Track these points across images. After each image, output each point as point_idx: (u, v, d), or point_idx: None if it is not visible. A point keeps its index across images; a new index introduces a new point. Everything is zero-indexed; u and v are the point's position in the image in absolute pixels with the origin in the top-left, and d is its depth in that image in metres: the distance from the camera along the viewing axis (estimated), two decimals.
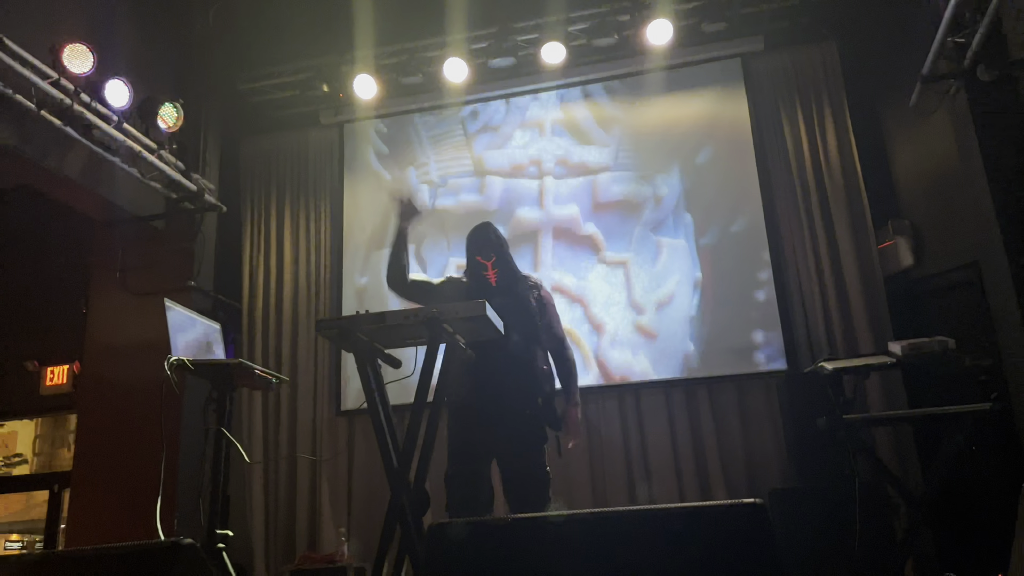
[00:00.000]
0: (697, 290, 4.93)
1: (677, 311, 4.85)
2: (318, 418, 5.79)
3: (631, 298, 4.96)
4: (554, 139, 5.38)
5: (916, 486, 4.37)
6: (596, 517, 1.74)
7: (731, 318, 4.91)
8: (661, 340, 4.83)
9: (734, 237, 5.12)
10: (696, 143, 5.54)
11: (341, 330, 2.67)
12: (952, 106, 4.55)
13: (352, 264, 5.94)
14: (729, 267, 5.11)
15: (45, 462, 8.46)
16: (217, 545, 3.05)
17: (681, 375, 5.08)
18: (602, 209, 5.15)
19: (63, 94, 4.33)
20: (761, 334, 4.84)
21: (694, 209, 5.31)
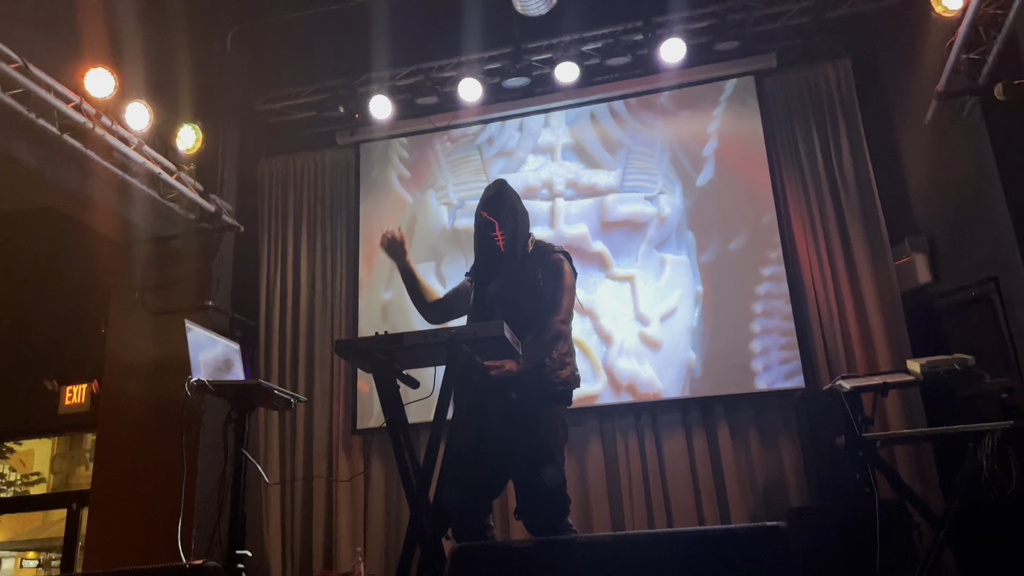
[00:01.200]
0: (698, 303, 5.13)
1: (679, 323, 5.08)
2: (334, 436, 5.80)
3: (637, 311, 5.19)
4: (564, 163, 5.62)
5: (937, 505, 4.33)
6: (618, 540, 1.74)
7: (731, 329, 5.09)
8: (665, 350, 5.05)
9: (734, 254, 5.31)
10: (706, 161, 5.58)
11: (359, 351, 2.69)
12: (968, 123, 4.54)
13: (374, 281, 5.98)
14: (731, 281, 5.25)
15: (62, 481, 8.51)
16: (237, 566, 3.06)
17: (683, 382, 5.16)
18: (609, 228, 5.38)
19: (85, 117, 4.40)
20: (759, 342, 5.03)
21: (696, 227, 5.43)
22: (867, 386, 4.10)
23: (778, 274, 5.26)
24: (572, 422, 5.33)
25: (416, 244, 5.81)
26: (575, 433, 5.38)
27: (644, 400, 5.32)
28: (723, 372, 5.07)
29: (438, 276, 5.75)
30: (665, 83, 5.83)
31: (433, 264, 5.83)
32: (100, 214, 5.13)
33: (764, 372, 5.08)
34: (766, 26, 5.61)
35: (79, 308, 6.69)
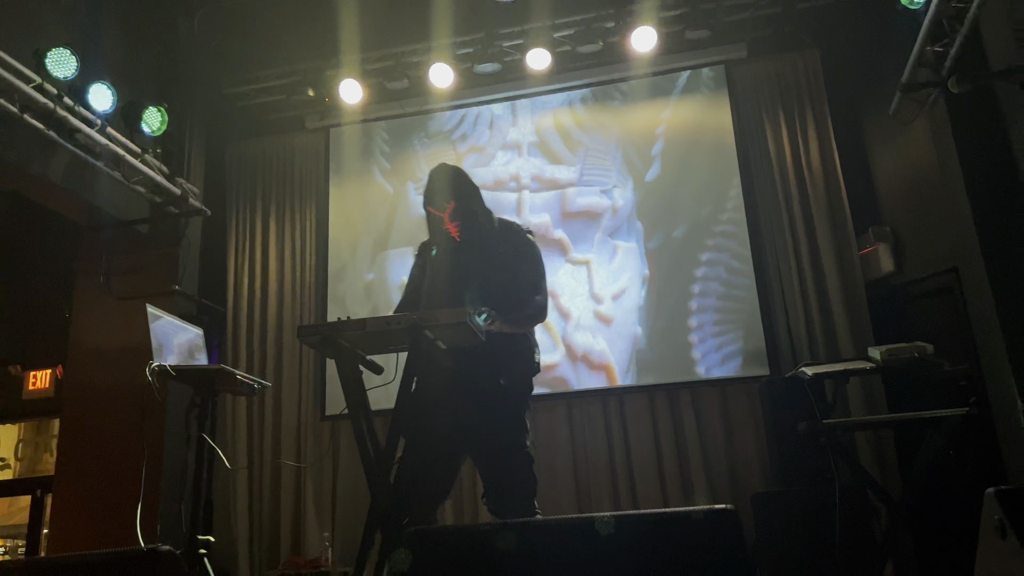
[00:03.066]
0: (644, 284, 5.58)
1: (628, 301, 5.55)
2: (303, 422, 5.78)
3: (592, 291, 5.63)
4: (530, 159, 5.99)
5: (896, 490, 4.42)
6: (573, 522, 1.76)
7: (671, 307, 5.51)
8: (615, 325, 5.51)
9: (676, 241, 5.66)
10: (654, 159, 5.79)
11: (323, 336, 2.68)
12: (931, 114, 4.61)
13: (358, 262, 6.02)
14: (673, 266, 5.61)
15: (28, 467, 8.41)
16: (199, 551, 3.05)
17: (630, 353, 5.46)
18: (569, 217, 5.82)
19: (46, 98, 4.32)
20: (695, 319, 5.43)
21: (644, 218, 5.73)
22: (829, 373, 4.16)
23: (713, 259, 5.53)
24: (540, 408, 5.44)
25: (396, 232, 6.03)
26: (543, 419, 5.45)
27: (611, 387, 5.38)
28: (664, 344, 5.45)
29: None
30: (635, 72, 5.86)
31: (411, 248, 5.87)
32: (64, 197, 5.05)
33: (699, 344, 5.40)
34: (737, 15, 5.63)
35: (43, 293, 6.61)
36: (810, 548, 4.12)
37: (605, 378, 5.45)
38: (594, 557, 1.63)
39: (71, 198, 5.03)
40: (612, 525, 1.62)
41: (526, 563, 1.68)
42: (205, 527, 3.23)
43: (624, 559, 1.65)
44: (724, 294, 5.45)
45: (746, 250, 5.46)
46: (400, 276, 5.77)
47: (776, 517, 4.41)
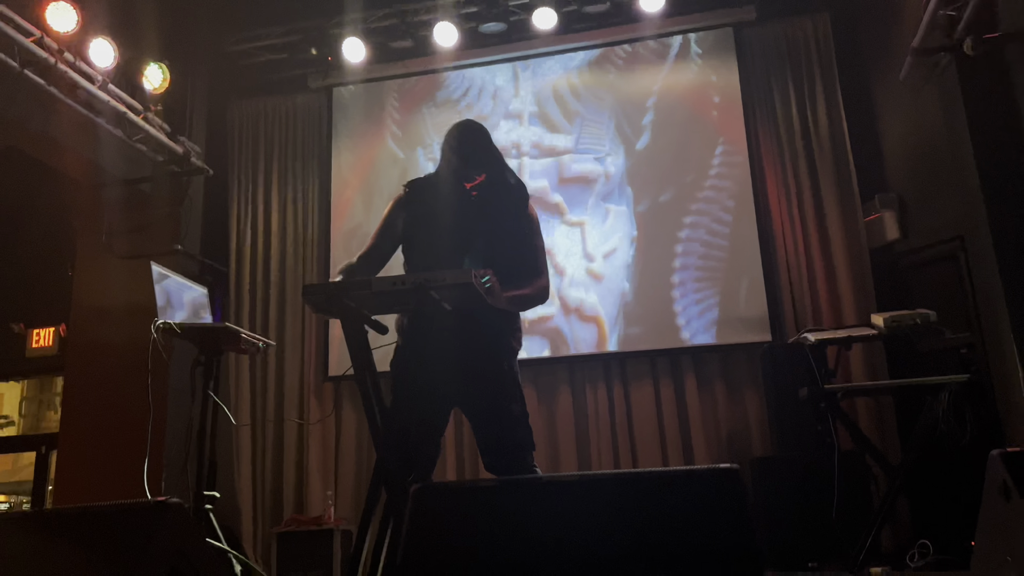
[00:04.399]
0: (633, 245, 5.73)
1: (618, 260, 5.74)
2: (305, 382, 5.81)
3: (585, 250, 5.80)
4: (530, 128, 6.10)
5: (895, 456, 4.45)
6: (576, 480, 1.77)
7: (656, 266, 5.65)
8: (606, 281, 5.71)
9: (663, 205, 5.76)
10: (644, 129, 5.83)
11: (328, 296, 2.67)
12: (942, 80, 4.55)
13: (372, 219, 5.95)
14: (659, 228, 5.73)
15: (32, 424, 8.47)
16: (204, 506, 3.08)
17: (618, 306, 5.60)
18: (565, 183, 5.96)
19: (46, 52, 4.27)
20: (677, 276, 5.59)
21: (634, 184, 5.82)
22: (831, 339, 4.17)
23: (696, 223, 5.59)
24: (542, 371, 5.47)
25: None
26: (545, 383, 5.48)
27: (614, 352, 5.41)
28: (648, 299, 5.58)
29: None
30: (642, 33, 5.80)
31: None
32: (65, 155, 5.02)
33: (681, 299, 5.51)
34: None
35: (45, 251, 6.58)
36: (808, 512, 4.17)
37: (595, 329, 5.57)
38: (597, 514, 1.64)
39: (72, 155, 5.00)
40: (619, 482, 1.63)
41: (530, 519, 1.69)
42: (209, 484, 3.26)
43: (627, 517, 1.66)
44: (726, 258, 5.46)
45: (751, 214, 5.43)
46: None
47: (775, 481, 4.46)
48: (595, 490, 1.71)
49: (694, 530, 1.61)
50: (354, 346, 2.68)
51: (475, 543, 1.70)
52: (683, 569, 1.55)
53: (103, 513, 1.72)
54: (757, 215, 5.42)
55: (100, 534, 1.68)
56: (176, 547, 1.67)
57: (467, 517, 1.76)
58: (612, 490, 1.67)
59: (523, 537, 1.68)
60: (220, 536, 3.01)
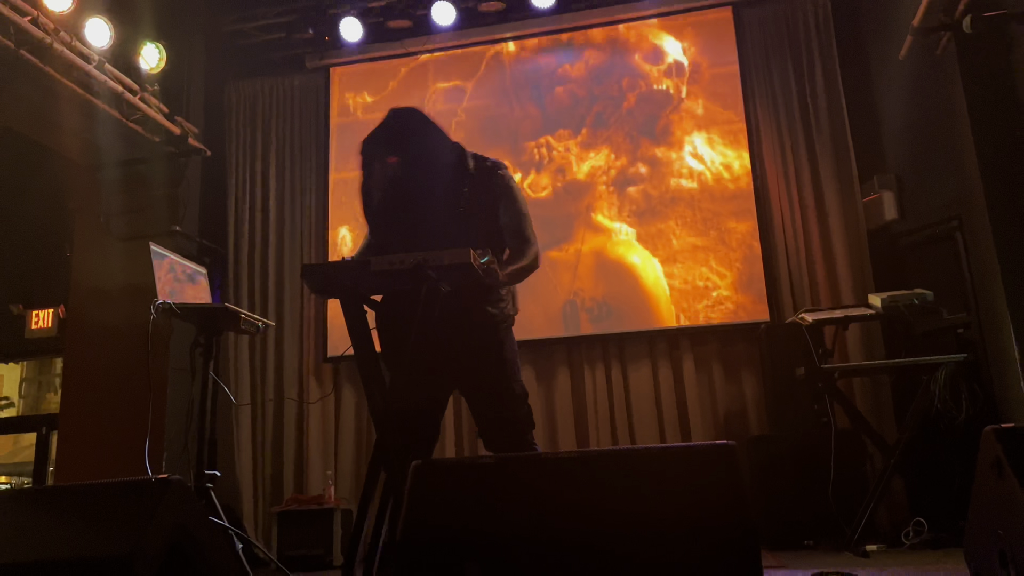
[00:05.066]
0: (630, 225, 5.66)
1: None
2: (305, 362, 5.83)
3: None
4: (528, 109, 5.93)
5: (891, 435, 4.48)
6: (575, 456, 1.79)
7: (655, 246, 5.57)
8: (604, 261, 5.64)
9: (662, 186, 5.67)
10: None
11: (326, 276, 2.68)
12: (941, 60, 4.53)
13: (347, 203, 5.97)
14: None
15: (32, 405, 8.47)
16: (205, 485, 3.10)
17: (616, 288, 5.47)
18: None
19: (42, 32, 4.24)
20: (675, 256, 5.50)
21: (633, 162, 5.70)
22: (828, 319, 4.20)
23: (694, 203, 5.54)
24: (541, 352, 5.49)
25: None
26: (543, 363, 5.50)
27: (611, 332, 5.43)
28: (646, 279, 5.49)
29: None
30: (643, 11, 5.77)
31: None
32: (62, 135, 4.99)
33: (678, 278, 5.46)
34: None
35: (43, 232, 6.56)
36: (804, 491, 4.22)
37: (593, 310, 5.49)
38: (595, 490, 1.66)
39: (69, 136, 4.98)
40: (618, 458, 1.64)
41: (529, 495, 1.71)
42: (210, 463, 3.28)
43: (625, 493, 1.68)
44: (724, 238, 5.45)
45: (749, 194, 5.43)
46: None
47: (772, 460, 4.50)
48: (593, 466, 1.73)
49: (691, 506, 1.63)
50: (353, 326, 2.70)
51: (474, 519, 1.72)
52: (680, 545, 1.57)
53: (106, 489, 1.74)
54: (755, 195, 5.42)
55: (103, 510, 1.69)
56: (178, 523, 1.69)
57: (466, 493, 1.78)
58: (610, 467, 1.69)
59: (522, 513, 1.70)
60: (221, 514, 3.04)
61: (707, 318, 5.34)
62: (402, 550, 1.73)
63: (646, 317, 5.43)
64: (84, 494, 1.78)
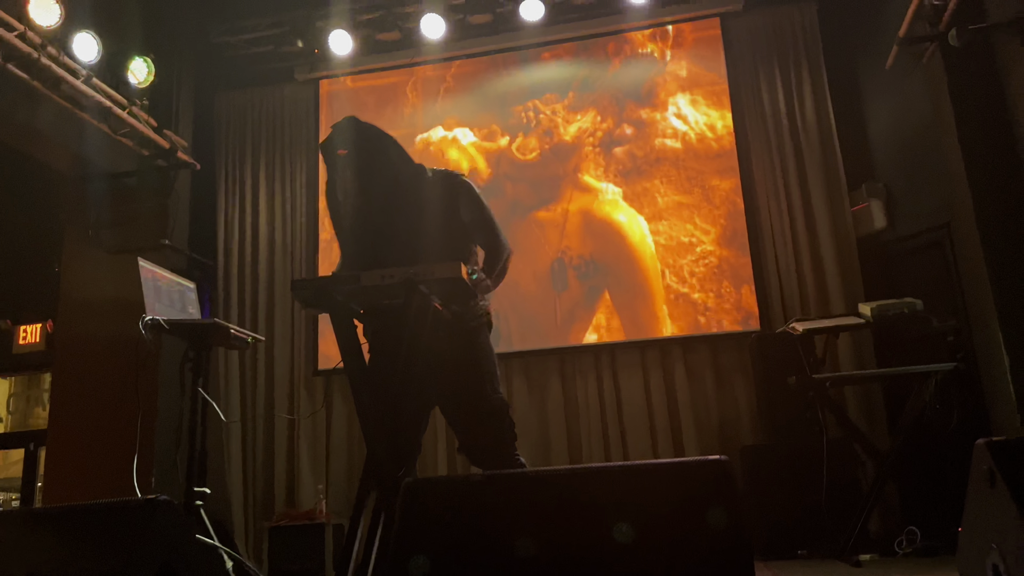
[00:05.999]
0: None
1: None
2: (295, 377, 5.80)
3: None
4: (521, 119, 5.98)
5: (883, 443, 4.49)
6: (568, 473, 1.78)
7: (645, 255, 5.61)
8: (594, 271, 5.69)
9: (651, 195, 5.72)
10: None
11: (317, 291, 2.67)
12: (928, 69, 4.57)
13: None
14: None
15: (20, 420, 8.41)
16: (195, 502, 3.08)
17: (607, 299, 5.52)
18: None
19: (29, 47, 4.23)
20: (665, 266, 5.54)
21: (622, 172, 5.76)
22: (819, 328, 4.21)
23: (683, 212, 5.58)
24: (533, 362, 5.48)
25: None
26: (535, 374, 5.49)
27: (603, 342, 5.43)
28: (636, 289, 5.54)
29: None
30: (630, 23, 5.80)
31: None
32: (51, 149, 4.98)
33: (669, 289, 5.49)
34: None
35: (31, 246, 6.54)
36: (797, 500, 4.21)
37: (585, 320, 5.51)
38: (588, 507, 1.66)
39: (57, 149, 4.97)
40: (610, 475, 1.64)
41: (522, 513, 1.70)
42: (199, 480, 3.25)
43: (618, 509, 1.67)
44: (714, 248, 5.48)
45: (738, 203, 5.45)
46: None
47: (765, 469, 4.49)
48: (586, 483, 1.72)
49: (685, 522, 1.62)
50: (343, 340, 2.69)
51: (466, 537, 1.71)
52: (674, 561, 1.56)
53: (94, 511, 1.72)
54: (745, 204, 5.44)
55: (91, 532, 1.68)
56: (167, 544, 1.67)
57: (458, 511, 1.77)
58: (603, 483, 1.68)
59: (514, 531, 1.69)
60: (211, 532, 3.01)
61: (691, 271, 5.43)
62: (393, 567, 1.71)
63: (632, 273, 5.53)
64: (72, 515, 1.76)
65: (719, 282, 5.41)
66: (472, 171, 5.85)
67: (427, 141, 6.05)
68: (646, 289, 5.49)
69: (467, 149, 5.99)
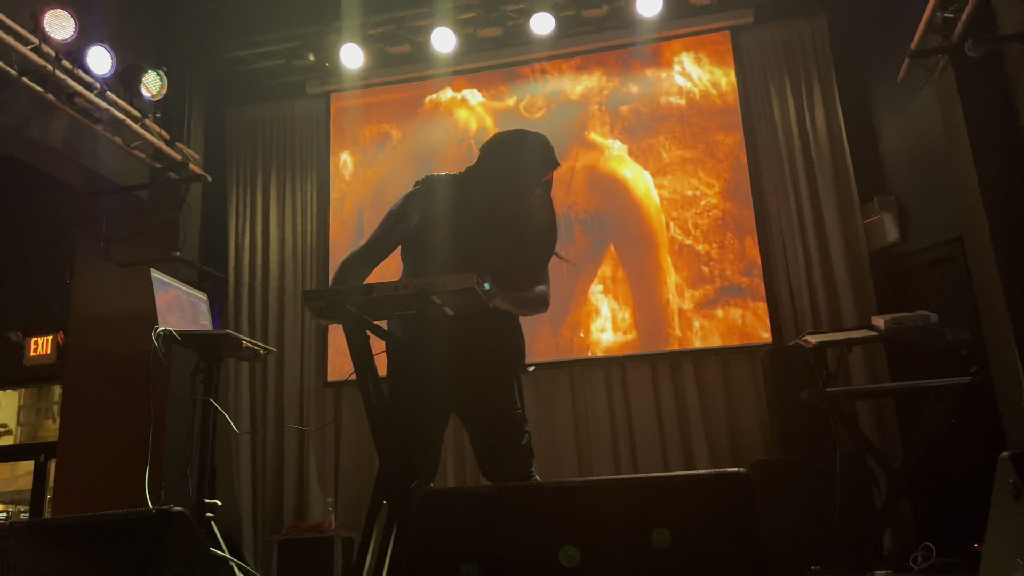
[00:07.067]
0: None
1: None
2: (305, 389, 5.80)
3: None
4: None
5: (897, 458, 4.44)
6: (582, 485, 1.77)
7: (656, 269, 5.61)
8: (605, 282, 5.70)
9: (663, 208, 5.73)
10: (685, 159, 5.70)
11: (329, 302, 2.66)
12: (940, 82, 4.56)
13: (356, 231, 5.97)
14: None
15: (30, 432, 8.43)
16: (206, 514, 3.07)
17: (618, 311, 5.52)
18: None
19: (44, 61, 4.26)
20: (676, 279, 5.52)
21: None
22: (832, 342, 4.17)
23: (695, 225, 5.57)
24: (543, 376, 5.46)
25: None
26: (545, 388, 5.47)
27: (613, 355, 5.41)
28: (647, 302, 5.53)
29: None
30: (640, 37, 5.81)
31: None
32: (62, 162, 5.00)
33: (680, 302, 5.49)
34: None
35: (43, 258, 6.57)
36: (810, 515, 4.16)
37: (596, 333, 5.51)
38: (605, 520, 1.64)
39: (70, 163, 4.99)
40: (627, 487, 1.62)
41: (537, 525, 1.68)
42: (210, 492, 3.24)
43: (634, 522, 1.66)
44: (725, 261, 5.46)
45: (750, 217, 5.44)
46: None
47: (777, 484, 4.44)
48: (603, 495, 1.71)
49: (702, 535, 1.60)
50: (356, 351, 2.67)
51: (481, 549, 1.69)
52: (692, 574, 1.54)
53: (108, 522, 1.71)
54: (756, 218, 5.42)
55: (105, 543, 1.67)
56: (181, 556, 1.66)
57: (473, 523, 1.75)
58: (620, 495, 1.66)
59: (528, 544, 1.67)
60: (222, 544, 3.00)
61: (695, 224, 5.49)
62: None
63: (637, 226, 5.60)
64: (86, 527, 1.75)
65: (722, 233, 5.48)
66: (480, 130, 5.95)
67: (436, 102, 6.13)
68: (651, 241, 5.57)
69: (476, 109, 6.08)
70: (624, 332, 5.47)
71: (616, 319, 5.50)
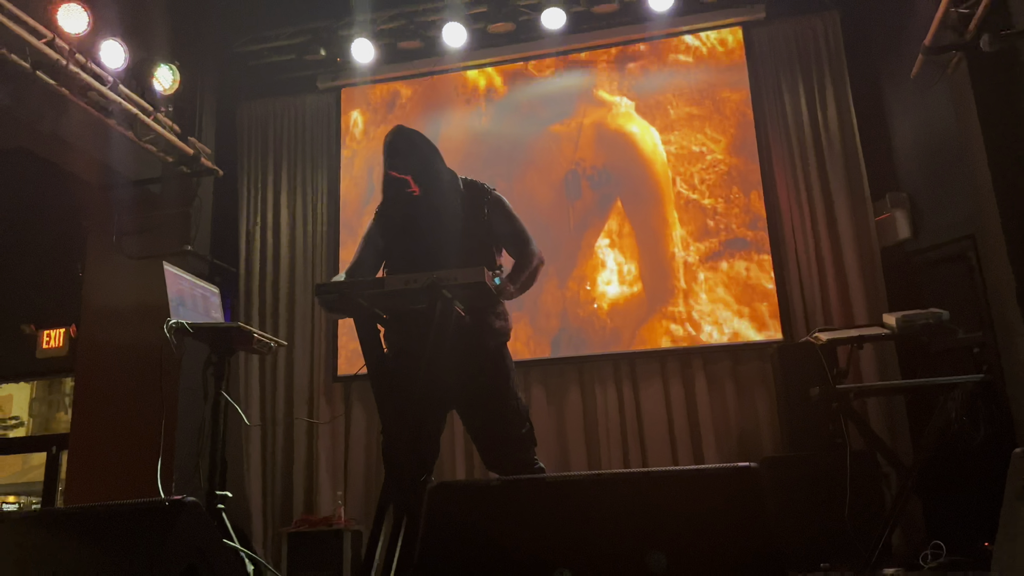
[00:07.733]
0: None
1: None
2: (315, 382, 5.82)
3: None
4: (544, 126, 5.96)
5: (907, 456, 4.43)
6: (593, 479, 1.77)
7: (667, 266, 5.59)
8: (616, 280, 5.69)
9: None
10: (692, 115, 5.71)
11: (341, 295, 2.68)
12: (953, 78, 4.53)
13: (357, 223, 5.97)
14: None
15: (42, 424, 8.50)
16: (217, 505, 3.09)
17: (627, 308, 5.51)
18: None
19: (58, 54, 4.29)
20: (687, 275, 5.49)
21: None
22: (843, 339, 4.16)
23: (706, 222, 5.55)
24: (551, 371, 5.46)
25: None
26: (554, 383, 5.47)
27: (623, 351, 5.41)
28: (657, 298, 5.52)
29: None
30: (652, 32, 5.80)
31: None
32: (76, 156, 5.03)
33: (690, 298, 5.48)
34: None
35: (56, 252, 6.60)
36: (820, 513, 4.15)
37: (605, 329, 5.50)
38: (615, 514, 1.64)
39: (83, 156, 5.02)
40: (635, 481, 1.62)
41: (547, 519, 1.69)
42: (221, 484, 3.26)
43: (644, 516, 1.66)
44: (736, 257, 5.43)
45: (761, 213, 5.42)
46: None
47: (786, 481, 4.44)
48: (613, 489, 1.71)
49: (712, 530, 1.60)
50: (367, 345, 2.69)
51: (491, 542, 1.70)
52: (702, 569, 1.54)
53: (121, 512, 1.72)
54: (767, 214, 5.40)
55: (118, 532, 1.68)
56: (193, 545, 1.68)
57: (483, 516, 1.75)
58: (630, 489, 1.67)
59: (540, 537, 1.67)
60: (233, 536, 3.02)
61: (701, 179, 5.53)
62: (419, 572, 1.71)
63: (644, 181, 5.65)
64: (98, 516, 1.76)
65: (728, 188, 5.50)
66: (489, 88, 6.00)
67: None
68: (657, 196, 5.61)
69: (485, 68, 6.12)
70: (630, 285, 5.51)
71: (622, 272, 5.54)
